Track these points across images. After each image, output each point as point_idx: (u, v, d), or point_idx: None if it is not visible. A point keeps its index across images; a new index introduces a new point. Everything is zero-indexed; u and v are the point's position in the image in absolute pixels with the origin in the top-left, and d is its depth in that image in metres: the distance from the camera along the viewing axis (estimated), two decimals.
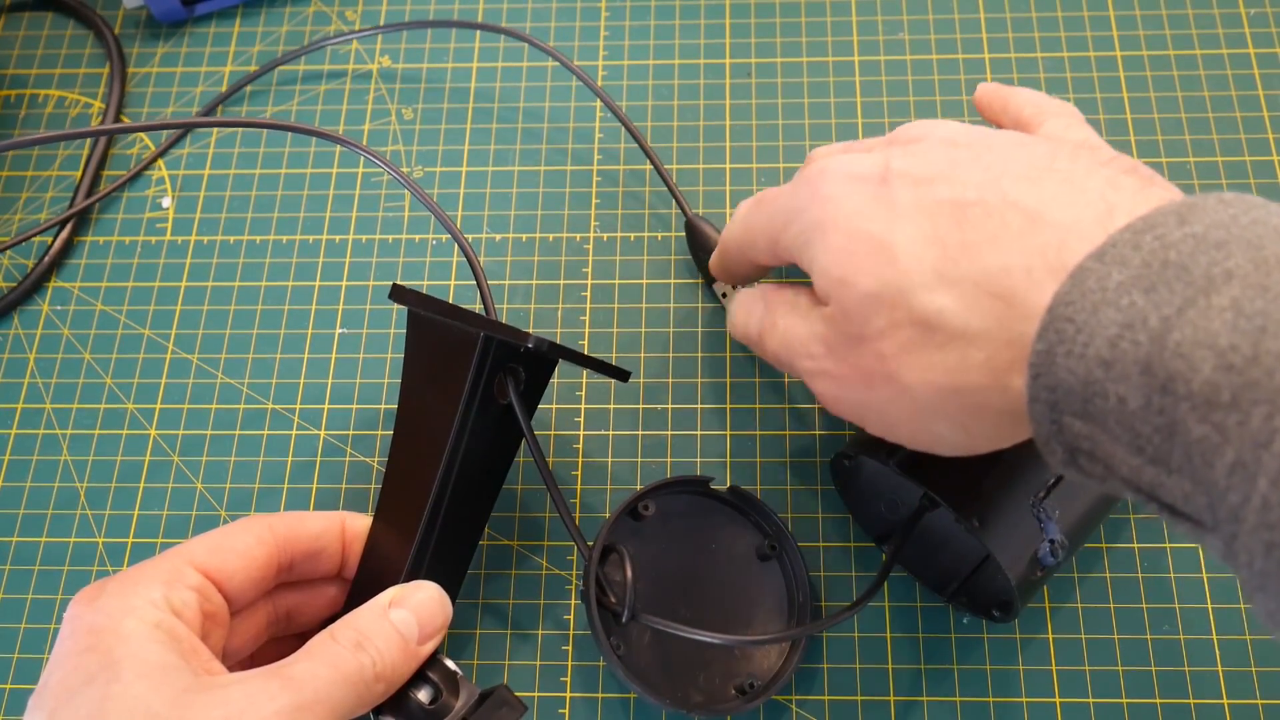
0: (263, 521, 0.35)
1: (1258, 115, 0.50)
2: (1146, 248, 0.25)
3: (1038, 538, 0.36)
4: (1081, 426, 0.26)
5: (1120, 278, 0.25)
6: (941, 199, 0.30)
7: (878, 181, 0.32)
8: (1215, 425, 0.23)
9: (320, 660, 0.31)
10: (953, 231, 0.29)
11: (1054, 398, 0.26)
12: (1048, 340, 0.26)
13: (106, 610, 0.30)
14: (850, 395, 0.33)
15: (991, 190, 0.29)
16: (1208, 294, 0.23)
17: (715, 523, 0.42)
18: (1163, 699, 0.40)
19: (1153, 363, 0.24)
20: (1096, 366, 0.25)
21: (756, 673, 0.39)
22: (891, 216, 0.30)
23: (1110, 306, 0.25)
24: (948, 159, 0.31)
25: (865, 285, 0.30)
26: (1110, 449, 0.25)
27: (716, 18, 0.54)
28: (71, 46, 0.55)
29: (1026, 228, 0.28)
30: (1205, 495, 0.23)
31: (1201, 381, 0.23)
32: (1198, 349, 0.23)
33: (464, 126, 0.52)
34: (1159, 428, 0.24)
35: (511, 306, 0.47)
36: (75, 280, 0.49)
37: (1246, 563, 0.22)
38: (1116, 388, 0.24)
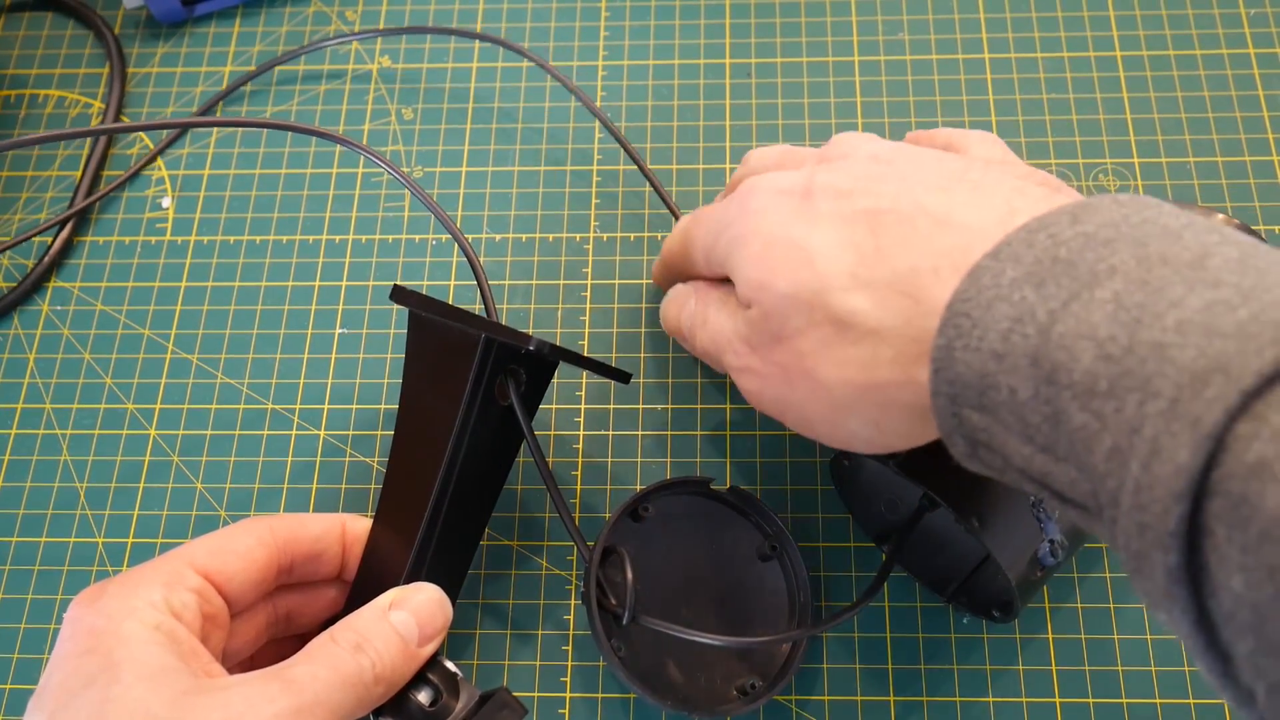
0: (263, 523, 0.35)
1: (1258, 115, 0.50)
2: (1039, 245, 0.26)
3: (1038, 538, 0.36)
4: (979, 418, 0.27)
5: (1014, 274, 0.26)
6: (859, 209, 0.31)
7: (801, 195, 0.33)
8: (1094, 413, 0.24)
9: (320, 662, 0.31)
10: (868, 238, 0.31)
11: (954, 391, 0.27)
12: (947, 335, 0.27)
13: (106, 612, 0.30)
14: (771, 391, 0.34)
15: (905, 199, 0.31)
16: (1091, 288, 0.25)
17: (716, 523, 0.42)
18: (1163, 699, 0.40)
19: (1039, 354, 0.25)
20: (990, 359, 0.26)
21: (757, 673, 0.39)
22: (811, 225, 0.32)
23: (1003, 301, 0.26)
24: (868, 173, 0.33)
25: (783, 287, 0.32)
26: (1004, 439, 0.26)
27: (716, 18, 0.54)
28: (71, 46, 0.55)
29: (934, 231, 0.29)
30: (1089, 481, 0.24)
31: (1082, 371, 0.24)
32: (1079, 340, 0.24)
33: (464, 127, 0.52)
34: (1046, 417, 0.25)
35: (511, 307, 0.47)
36: (75, 280, 0.49)
37: (1124, 544, 0.23)
38: (1008, 379, 0.25)
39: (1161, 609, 0.23)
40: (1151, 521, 0.22)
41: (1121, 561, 0.24)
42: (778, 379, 0.34)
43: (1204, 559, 0.22)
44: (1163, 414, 0.22)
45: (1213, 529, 0.21)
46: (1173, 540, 0.22)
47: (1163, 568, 0.22)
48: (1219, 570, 0.21)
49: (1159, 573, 0.22)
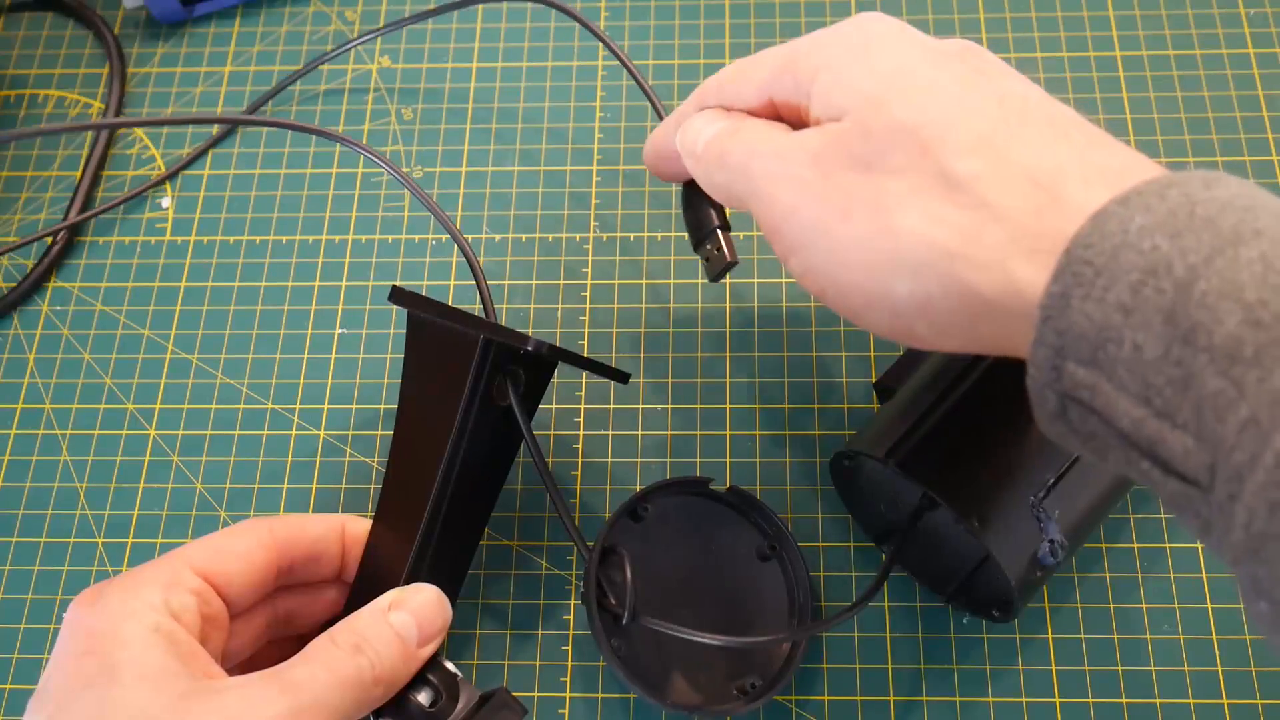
0: (263, 525, 0.35)
1: (1258, 115, 0.50)
2: (1172, 199, 0.24)
3: (1038, 538, 0.36)
4: (1085, 375, 0.25)
5: (1143, 221, 0.24)
6: (1012, 92, 0.28)
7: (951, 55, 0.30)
8: (1234, 380, 0.22)
9: (319, 664, 0.31)
10: (1014, 119, 0.28)
11: (1061, 342, 0.25)
12: (1063, 282, 0.25)
13: (106, 614, 0.30)
14: (815, 214, 0.30)
15: (1058, 108, 0.28)
16: (1236, 246, 0.23)
17: (715, 523, 0.42)
18: (1162, 699, 0.40)
19: (1176, 312, 0.23)
20: (1115, 312, 0.24)
21: (758, 673, 0.39)
22: (955, 81, 0.29)
23: (1132, 250, 0.24)
24: (1022, 80, 0.30)
25: (903, 114, 0.28)
26: (1114, 399, 0.24)
27: (716, 18, 0.54)
28: (71, 47, 0.55)
29: (1088, 146, 0.27)
30: (1209, 453, 0.23)
31: (1225, 334, 0.22)
32: (1223, 300, 0.22)
33: (464, 126, 0.52)
34: (1173, 379, 0.23)
35: (511, 307, 0.47)
36: (75, 280, 0.49)
37: (1244, 523, 0.22)
38: (1135, 335, 0.24)
39: None
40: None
41: (1232, 543, 0.23)
42: (835, 203, 0.29)
43: None
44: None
45: None
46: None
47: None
48: None
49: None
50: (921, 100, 0.28)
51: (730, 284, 0.47)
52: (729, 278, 0.47)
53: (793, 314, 0.47)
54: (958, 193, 0.27)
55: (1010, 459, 0.36)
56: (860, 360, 0.46)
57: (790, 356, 0.46)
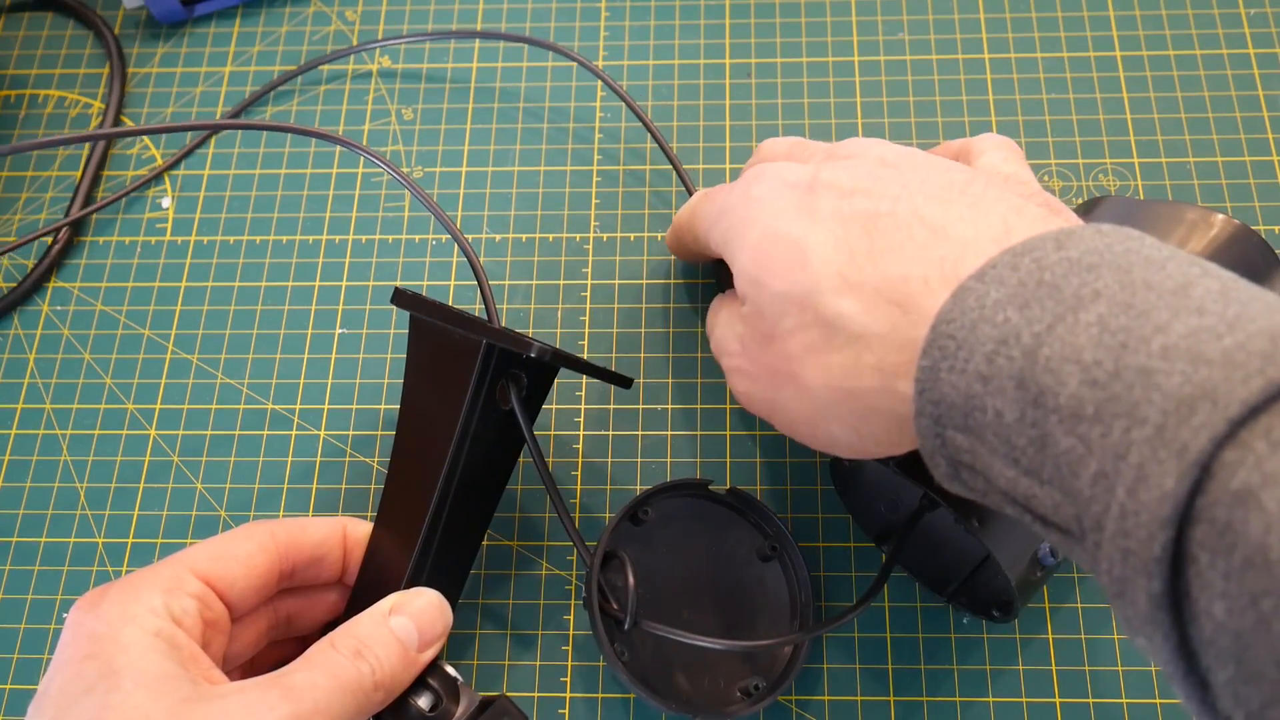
0: (265, 528, 0.35)
1: (1258, 115, 0.50)
2: (1024, 269, 0.26)
3: (1037, 538, 0.36)
4: (963, 440, 0.27)
5: (997, 295, 0.26)
6: (858, 210, 0.31)
7: (805, 189, 0.33)
8: (1080, 437, 0.24)
9: (319, 669, 0.31)
10: (862, 239, 0.30)
11: (938, 411, 0.27)
12: (932, 356, 0.27)
13: (107, 618, 0.30)
14: (759, 393, 0.35)
15: (904, 204, 0.30)
16: (1076, 311, 0.25)
17: (716, 525, 0.42)
18: (1162, 699, 0.40)
19: (1025, 377, 0.25)
20: (975, 381, 0.26)
21: (760, 674, 0.39)
22: (810, 222, 0.32)
23: (987, 323, 0.26)
24: (872, 175, 0.32)
25: (777, 286, 0.32)
26: (988, 461, 0.26)
27: (716, 18, 0.54)
28: (71, 46, 0.55)
29: (929, 240, 0.29)
30: (1073, 505, 0.24)
31: (1068, 395, 0.24)
32: (1065, 364, 0.24)
33: (464, 126, 0.52)
34: (1032, 440, 0.25)
35: (511, 307, 0.47)
36: (75, 280, 0.49)
37: (1107, 569, 0.23)
38: (994, 401, 0.25)
39: (1142, 635, 0.23)
40: (1136, 548, 0.22)
41: (1102, 587, 0.24)
42: (765, 380, 0.34)
43: (1186, 585, 0.22)
44: (1149, 440, 0.22)
45: (1196, 556, 0.21)
46: (1157, 566, 0.22)
47: (1145, 594, 0.22)
48: (1201, 597, 0.22)
49: (1141, 599, 0.22)
50: (787, 267, 0.32)
51: None
52: None
53: None
54: (836, 334, 0.30)
55: None
56: None
57: None
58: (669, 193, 0.49)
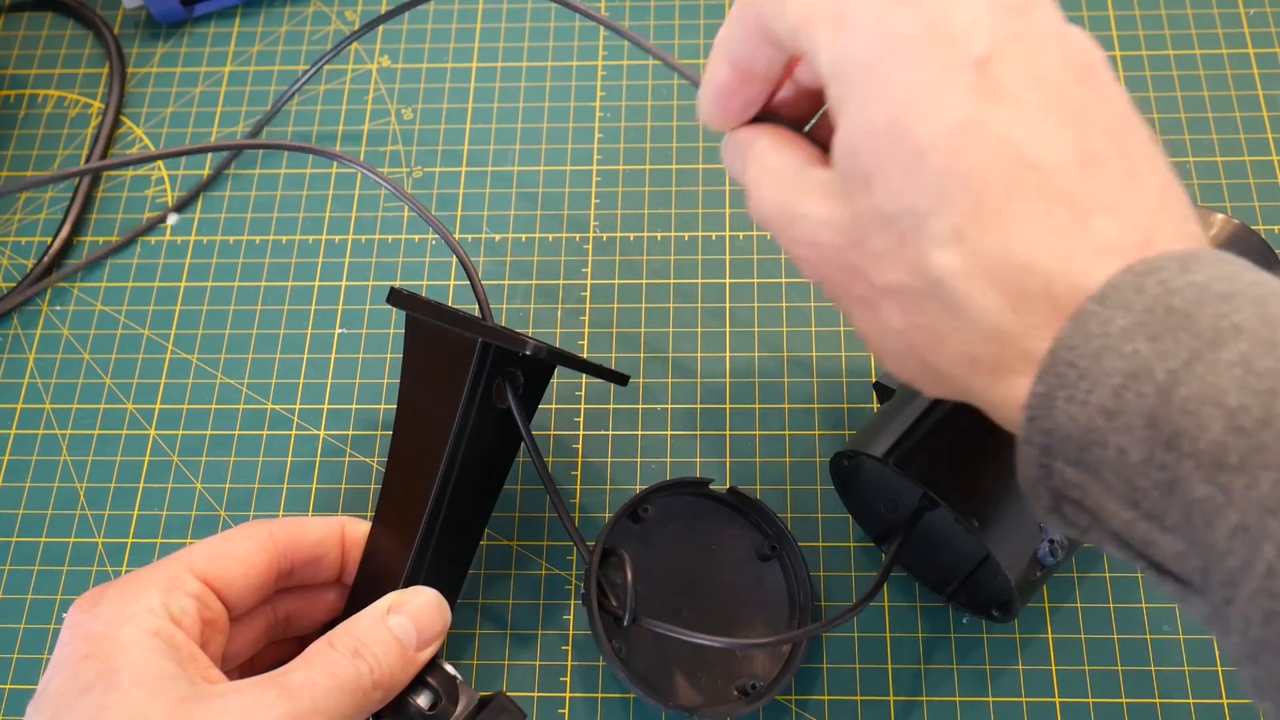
0: (263, 528, 0.35)
1: (1257, 115, 0.49)
2: (1150, 292, 0.24)
3: (1037, 538, 0.36)
4: (1074, 474, 0.25)
5: (1123, 323, 0.24)
6: (1005, 139, 0.25)
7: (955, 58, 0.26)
8: (1220, 486, 0.22)
9: (318, 668, 0.31)
10: (998, 189, 0.25)
11: (1048, 442, 0.25)
12: (1047, 383, 0.25)
13: (105, 618, 0.30)
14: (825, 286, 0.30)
15: (1058, 152, 0.26)
16: (1215, 348, 0.23)
17: (715, 524, 0.42)
18: (1162, 699, 0.40)
19: (1158, 417, 0.23)
20: (1099, 415, 0.24)
21: (759, 674, 0.39)
22: (941, 130, 0.26)
23: (1113, 353, 0.24)
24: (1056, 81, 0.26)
25: (884, 202, 0.26)
26: (1102, 500, 0.25)
27: (716, 18, 0.54)
28: (71, 46, 0.55)
29: (1069, 227, 0.25)
30: (1200, 557, 0.23)
31: (1209, 441, 0.22)
32: (1205, 406, 0.22)
33: (464, 127, 0.52)
34: (1159, 483, 0.23)
35: (511, 307, 0.47)
36: (75, 280, 0.49)
37: (1241, 629, 0.22)
38: (1118, 439, 0.23)
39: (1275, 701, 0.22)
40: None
41: (1231, 645, 0.23)
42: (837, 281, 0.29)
43: None
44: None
45: None
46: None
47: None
48: None
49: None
50: (903, 181, 0.26)
51: (730, 284, 0.47)
52: (728, 278, 0.47)
53: (793, 314, 0.47)
54: (927, 296, 0.26)
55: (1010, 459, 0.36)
56: (860, 360, 0.46)
57: (790, 356, 0.46)
58: (669, 193, 0.49)
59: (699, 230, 0.49)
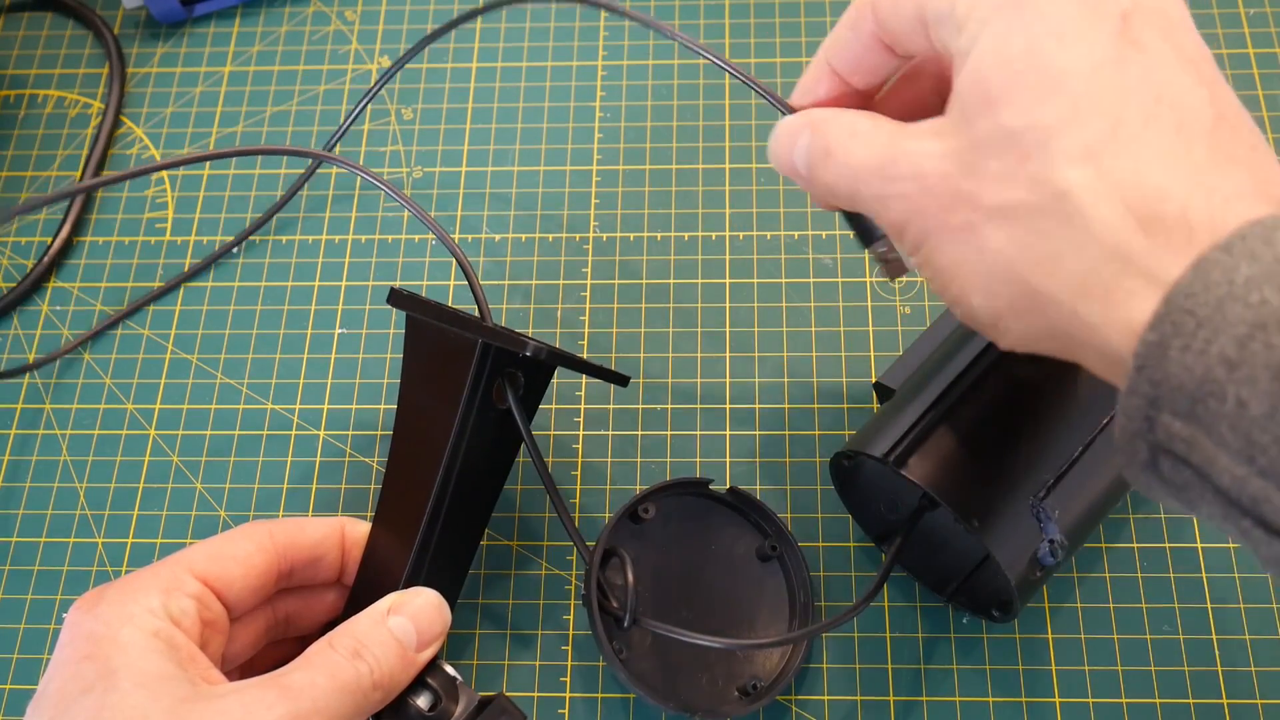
0: (263, 528, 0.35)
1: (1257, 115, 0.49)
2: (1279, 245, 0.23)
3: (1037, 538, 0.36)
4: (1181, 427, 0.24)
5: (1249, 272, 0.23)
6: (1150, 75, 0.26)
7: (1111, 14, 0.27)
8: None
9: (318, 669, 0.31)
10: (1137, 120, 0.25)
11: (1157, 393, 0.24)
12: (1161, 331, 0.24)
13: (105, 618, 0.30)
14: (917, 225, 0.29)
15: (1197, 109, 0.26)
16: None
17: (715, 524, 0.42)
18: (1162, 699, 0.40)
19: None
20: (1219, 365, 0.23)
21: (759, 674, 0.39)
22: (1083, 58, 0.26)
23: (1238, 302, 0.23)
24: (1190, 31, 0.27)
25: (1011, 117, 0.26)
26: (1212, 454, 0.23)
27: (716, 18, 0.54)
28: (71, 46, 0.55)
29: (1207, 163, 0.25)
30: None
31: None
32: None
33: (464, 127, 0.52)
34: None
35: (511, 307, 0.47)
36: (75, 280, 0.49)
37: None
38: (1239, 390, 0.23)
39: None
40: None
41: None
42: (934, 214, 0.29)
43: None
44: None
45: None
46: None
47: None
48: None
49: None
50: (1035, 100, 0.26)
51: (730, 284, 0.47)
52: (728, 278, 0.47)
53: (793, 314, 0.47)
54: (1047, 213, 0.26)
55: (1010, 459, 0.36)
56: (860, 360, 0.46)
57: (790, 356, 0.46)
58: (669, 193, 0.49)
59: (699, 230, 0.49)
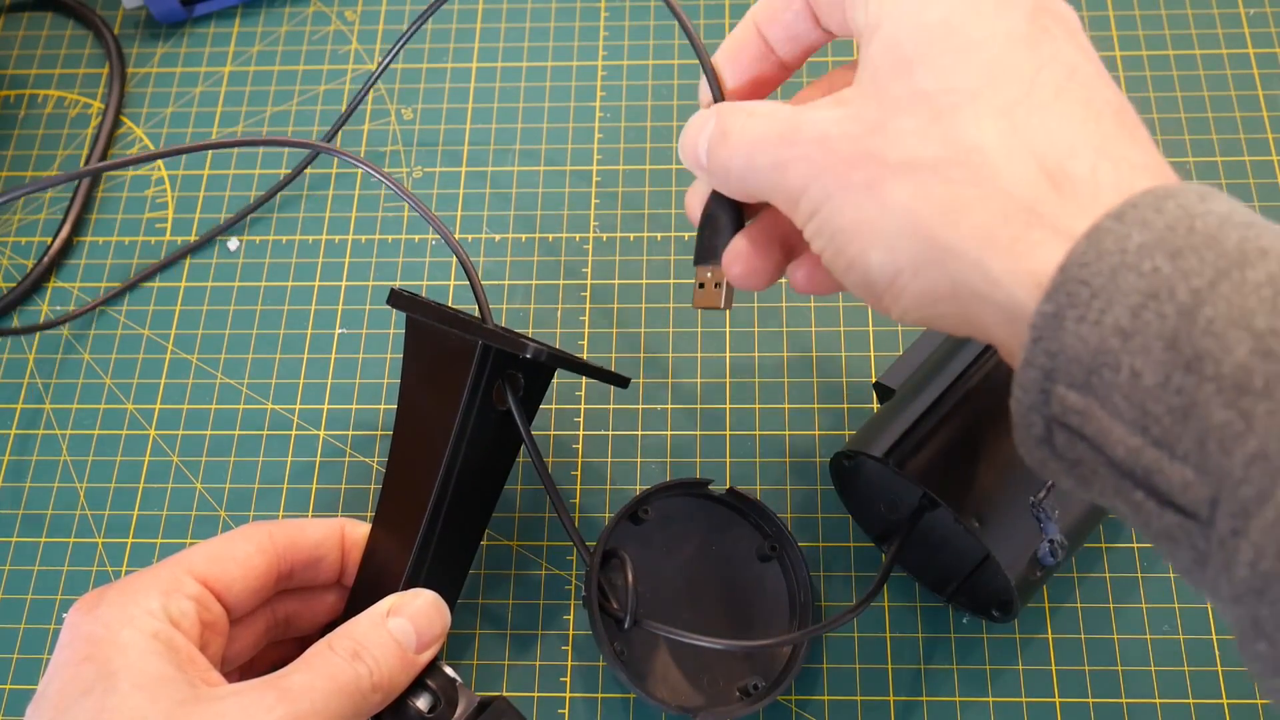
0: (263, 530, 0.35)
1: (1257, 115, 0.49)
2: (1169, 213, 0.23)
3: (1037, 538, 0.36)
4: (1076, 399, 0.24)
5: (1141, 239, 0.23)
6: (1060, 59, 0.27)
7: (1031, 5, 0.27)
8: (1241, 412, 0.21)
9: (317, 671, 0.31)
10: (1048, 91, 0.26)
11: (1052, 365, 0.24)
12: (1056, 302, 0.24)
13: (104, 620, 0.30)
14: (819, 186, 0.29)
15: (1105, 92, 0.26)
16: (1242, 268, 0.22)
17: (715, 525, 0.42)
18: (1162, 699, 0.40)
19: (1179, 338, 0.22)
20: (1112, 335, 0.23)
21: (760, 674, 0.39)
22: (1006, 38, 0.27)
23: (1131, 271, 0.23)
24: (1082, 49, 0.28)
25: (926, 81, 0.27)
26: (1107, 426, 0.23)
27: (716, 18, 0.54)
28: (71, 46, 0.55)
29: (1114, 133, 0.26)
30: (1210, 487, 0.22)
31: (1233, 364, 0.21)
32: (1231, 328, 0.22)
33: (464, 127, 0.52)
34: (1173, 408, 0.22)
35: (511, 307, 0.47)
36: (75, 280, 0.49)
37: (1249, 561, 0.21)
38: (1133, 360, 0.23)
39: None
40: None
41: (1232, 582, 0.22)
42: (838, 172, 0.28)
43: None
44: None
45: None
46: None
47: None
48: None
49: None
50: (952, 64, 0.27)
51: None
52: None
53: (793, 314, 0.47)
54: (957, 165, 0.26)
55: (1010, 459, 0.36)
56: (860, 360, 0.46)
57: (790, 356, 0.46)
58: (669, 193, 0.49)
59: None
